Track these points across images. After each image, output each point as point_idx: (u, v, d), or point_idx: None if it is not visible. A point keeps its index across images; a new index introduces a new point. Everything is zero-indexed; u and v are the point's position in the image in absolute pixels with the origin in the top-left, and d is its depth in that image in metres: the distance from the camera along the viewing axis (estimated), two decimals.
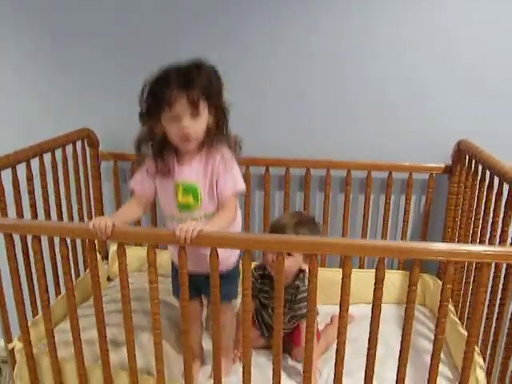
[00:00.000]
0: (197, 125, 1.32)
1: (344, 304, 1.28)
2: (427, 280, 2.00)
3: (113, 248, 2.12)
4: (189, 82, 1.28)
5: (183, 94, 1.27)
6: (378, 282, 1.27)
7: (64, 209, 1.86)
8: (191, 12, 1.90)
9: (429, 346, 1.75)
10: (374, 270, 1.98)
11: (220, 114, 1.37)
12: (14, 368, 1.57)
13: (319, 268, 1.28)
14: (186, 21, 1.92)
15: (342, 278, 1.26)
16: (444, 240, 1.96)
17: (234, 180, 1.39)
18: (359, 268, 2.07)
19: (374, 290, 1.28)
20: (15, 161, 1.57)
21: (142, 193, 1.48)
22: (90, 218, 2.04)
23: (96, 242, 2.01)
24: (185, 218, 1.40)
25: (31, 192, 1.68)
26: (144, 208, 1.50)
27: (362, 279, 1.70)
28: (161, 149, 1.40)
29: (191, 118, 1.30)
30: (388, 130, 1.94)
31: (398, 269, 2.08)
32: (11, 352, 1.56)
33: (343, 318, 1.29)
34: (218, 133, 1.38)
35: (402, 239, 2.01)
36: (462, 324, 1.70)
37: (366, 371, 1.35)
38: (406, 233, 2.01)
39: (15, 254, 1.41)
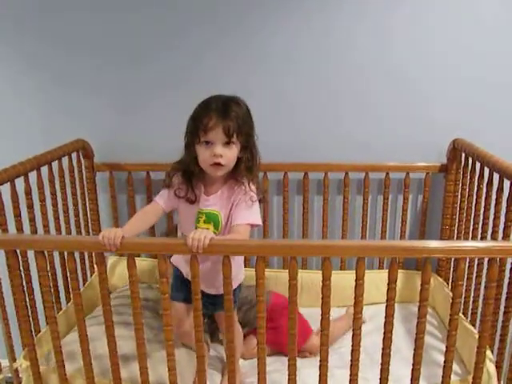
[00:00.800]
0: (228, 153, 1.37)
1: (358, 305, 1.29)
2: None
3: (111, 260, 2.08)
4: (226, 113, 1.35)
5: (219, 122, 1.34)
6: (391, 283, 1.28)
7: (62, 222, 1.83)
8: (190, 13, 1.90)
9: (433, 342, 1.78)
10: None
11: (250, 154, 1.42)
12: None
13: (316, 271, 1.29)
14: (184, 23, 1.91)
15: (356, 280, 1.27)
16: (442, 238, 1.99)
17: (252, 213, 1.41)
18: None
19: (388, 291, 1.29)
20: (14, 175, 1.53)
21: (162, 206, 1.49)
22: (88, 231, 2.01)
23: (93, 254, 1.99)
24: None
25: (30, 206, 1.64)
26: (157, 219, 1.51)
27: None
28: (190, 176, 1.44)
29: (223, 146, 1.36)
30: (383, 132, 1.97)
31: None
32: (16, 371, 1.52)
33: (358, 319, 1.30)
34: (246, 170, 1.42)
35: (400, 238, 2.04)
36: (466, 319, 1.73)
37: (381, 371, 1.36)
38: (405, 232, 2.04)
39: (20, 271, 1.38)
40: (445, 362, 1.35)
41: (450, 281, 1.95)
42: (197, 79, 1.95)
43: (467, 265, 1.73)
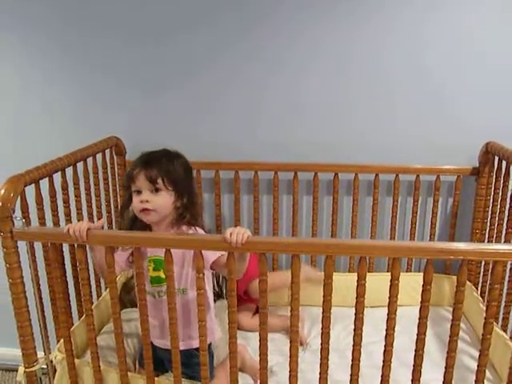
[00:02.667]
0: (157, 200, 1.44)
1: (392, 306, 1.29)
2: (454, 280, 2.01)
3: None
4: (149, 162, 1.46)
5: (142, 170, 1.45)
6: (427, 284, 1.28)
7: (95, 218, 1.87)
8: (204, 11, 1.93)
9: (462, 346, 1.77)
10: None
11: (189, 201, 1.50)
12: (53, 379, 1.56)
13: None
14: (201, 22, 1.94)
15: (391, 280, 1.27)
16: (472, 241, 1.97)
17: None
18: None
19: (423, 292, 1.28)
20: (52, 170, 1.57)
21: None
22: (118, 228, 2.04)
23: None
24: (155, 291, 1.51)
25: (66, 201, 1.67)
26: None
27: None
28: (132, 226, 1.52)
29: (150, 192, 1.44)
30: (414, 134, 1.97)
31: (419, 271, 2.09)
32: (51, 363, 1.56)
33: (392, 319, 1.30)
34: (189, 216, 1.49)
35: (429, 241, 2.02)
36: (497, 324, 1.71)
37: (413, 373, 1.36)
38: (434, 235, 2.03)
39: (61, 263, 1.41)
40: (478, 366, 1.34)
41: (480, 285, 1.94)
42: (222, 78, 2.00)
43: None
